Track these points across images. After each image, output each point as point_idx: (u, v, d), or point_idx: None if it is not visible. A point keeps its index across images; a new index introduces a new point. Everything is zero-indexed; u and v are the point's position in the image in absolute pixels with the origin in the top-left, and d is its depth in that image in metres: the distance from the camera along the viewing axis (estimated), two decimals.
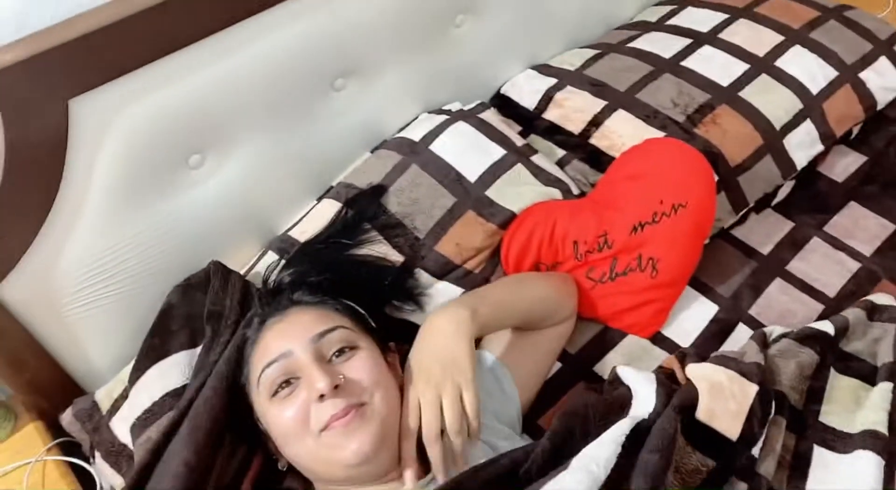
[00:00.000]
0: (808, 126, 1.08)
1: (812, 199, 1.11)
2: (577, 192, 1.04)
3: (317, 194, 1.04)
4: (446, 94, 1.13)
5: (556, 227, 0.95)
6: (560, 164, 1.09)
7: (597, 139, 1.07)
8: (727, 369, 0.72)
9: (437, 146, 1.02)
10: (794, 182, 1.12)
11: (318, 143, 1.01)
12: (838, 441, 0.73)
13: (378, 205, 0.95)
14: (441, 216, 0.96)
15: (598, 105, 1.10)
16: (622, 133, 1.05)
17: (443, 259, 0.94)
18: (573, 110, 1.11)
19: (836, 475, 0.70)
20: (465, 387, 0.70)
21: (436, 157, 1.01)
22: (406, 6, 0.99)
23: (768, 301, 0.98)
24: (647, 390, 0.70)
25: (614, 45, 1.23)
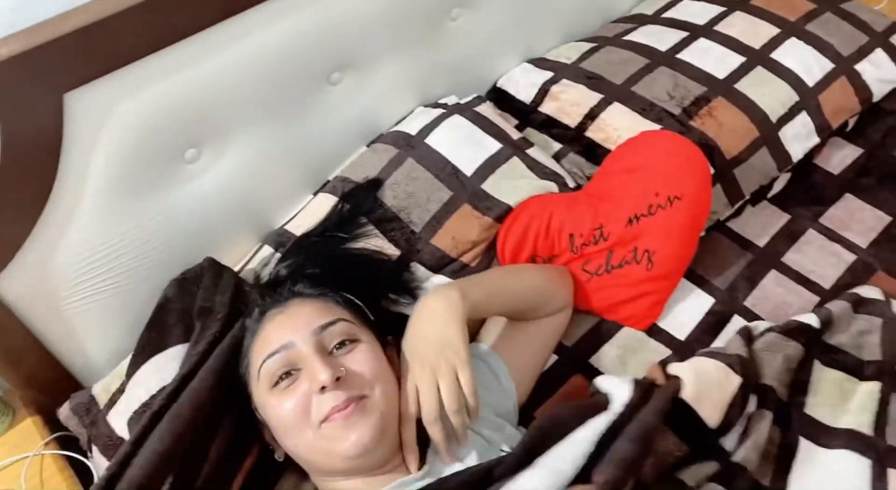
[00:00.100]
0: (803, 118, 1.08)
1: (808, 191, 1.11)
2: (572, 184, 1.04)
3: (313, 188, 1.04)
4: (442, 88, 1.13)
5: (552, 220, 0.96)
6: (556, 158, 1.09)
7: (593, 132, 1.07)
8: (713, 359, 0.73)
9: (433, 140, 1.02)
10: (789, 174, 1.12)
11: (314, 138, 1.01)
12: (823, 434, 0.74)
13: (374, 199, 0.96)
14: (437, 210, 0.96)
15: (594, 98, 1.10)
16: (618, 126, 1.05)
17: (439, 252, 0.95)
18: (569, 103, 1.11)
19: (820, 471, 0.70)
20: (460, 366, 0.70)
21: (432, 151, 1.01)
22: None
23: (764, 293, 0.99)
24: (623, 390, 0.71)
25: (610, 38, 1.22)
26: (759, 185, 1.07)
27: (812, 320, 0.83)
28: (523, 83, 1.17)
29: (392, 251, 0.93)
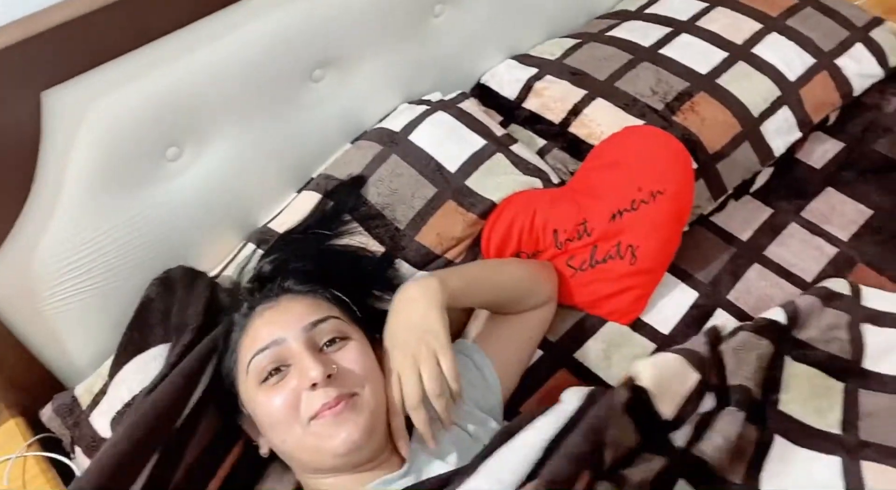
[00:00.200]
0: (785, 113, 1.09)
1: (790, 185, 1.12)
2: (556, 180, 1.04)
3: (297, 186, 1.04)
4: (426, 85, 1.13)
5: (536, 217, 0.96)
6: (540, 153, 1.09)
7: (576, 128, 1.08)
8: (676, 354, 0.73)
9: (417, 136, 1.02)
10: (772, 169, 1.13)
11: (297, 135, 1.01)
12: (796, 431, 0.75)
13: (358, 196, 0.95)
14: (421, 206, 0.96)
15: (577, 94, 1.10)
16: (601, 121, 1.06)
17: (423, 249, 0.95)
18: (553, 99, 1.11)
19: (791, 469, 0.71)
20: (441, 351, 0.70)
21: (416, 148, 1.00)
22: None
23: (747, 286, 0.99)
24: (576, 396, 0.70)
25: (594, 34, 1.23)
26: (742, 179, 1.07)
27: (779, 316, 0.83)
28: (507, 79, 1.17)
29: (377, 248, 0.93)
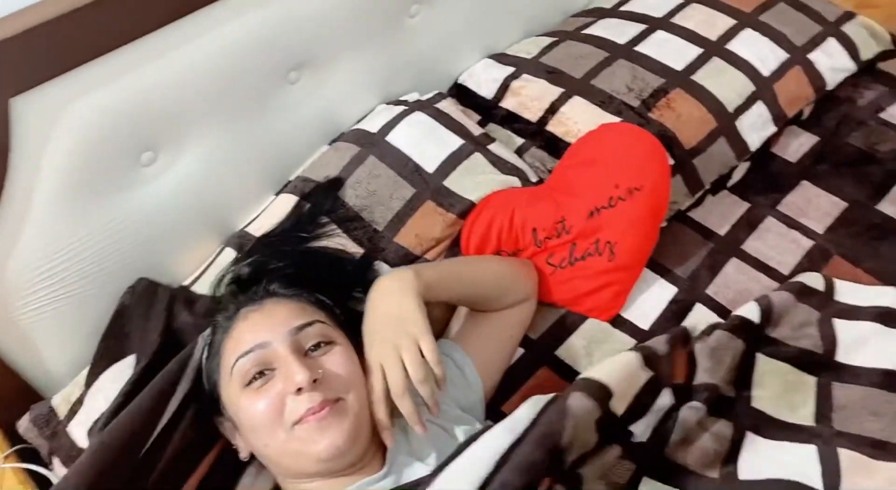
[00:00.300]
0: (760, 108, 1.10)
1: (766, 179, 1.13)
2: (535, 179, 1.05)
3: (275, 189, 1.03)
4: (404, 85, 1.13)
5: (515, 216, 0.96)
6: (518, 152, 1.09)
7: (553, 126, 1.08)
8: (634, 352, 0.74)
9: (395, 137, 1.01)
10: (748, 163, 1.14)
11: (274, 138, 1.00)
12: (768, 426, 0.75)
13: (335, 198, 0.95)
14: (400, 207, 0.96)
15: (554, 92, 1.10)
16: (578, 119, 1.06)
17: (402, 250, 0.94)
18: (530, 98, 1.12)
19: (766, 461, 0.71)
20: (420, 336, 0.70)
21: (393, 149, 1.00)
22: None
23: (725, 281, 1.00)
24: (533, 407, 0.68)
25: (570, 32, 1.23)
26: (719, 174, 1.08)
27: (754, 314, 0.84)
28: (484, 79, 1.17)
29: (355, 250, 0.93)
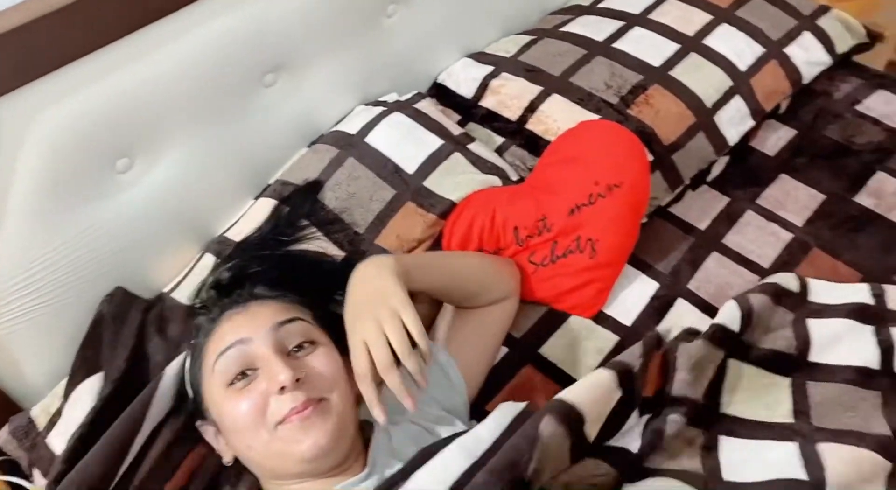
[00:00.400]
0: (737, 102, 1.11)
1: (745, 173, 1.14)
2: (515, 177, 1.05)
3: (254, 193, 1.02)
4: (382, 86, 1.12)
5: (496, 215, 0.96)
6: (499, 151, 1.09)
7: (533, 124, 1.08)
8: (609, 371, 0.74)
9: (374, 138, 1.01)
10: (727, 158, 1.14)
11: (252, 141, 1.00)
12: (742, 429, 0.76)
13: (314, 201, 0.94)
14: (380, 209, 0.96)
15: (533, 91, 1.10)
16: (557, 117, 1.06)
17: (383, 252, 0.94)
18: (509, 97, 1.12)
19: (748, 462, 0.71)
20: (402, 310, 0.68)
21: (373, 150, 1.00)
22: None
23: (706, 275, 1.00)
24: (498, 422, 0.68)
25: (548, 30, 1.23)
26: (698, 169, 1.09)
27: (734, 321, 0.84)
28: (464, 78, 1.17)
29: (336, 253, 0.92)
